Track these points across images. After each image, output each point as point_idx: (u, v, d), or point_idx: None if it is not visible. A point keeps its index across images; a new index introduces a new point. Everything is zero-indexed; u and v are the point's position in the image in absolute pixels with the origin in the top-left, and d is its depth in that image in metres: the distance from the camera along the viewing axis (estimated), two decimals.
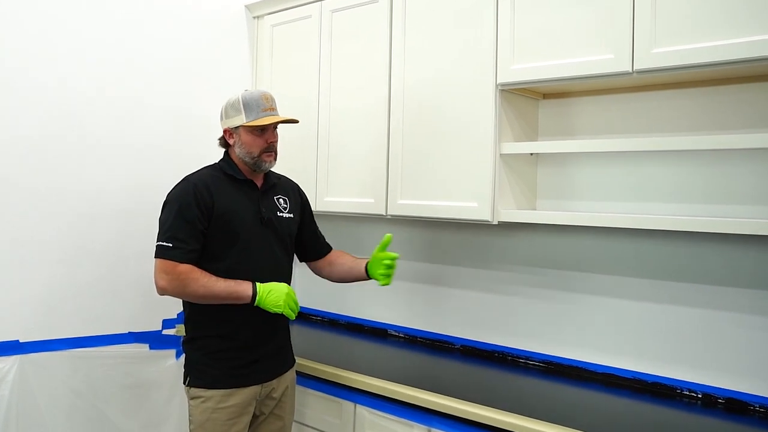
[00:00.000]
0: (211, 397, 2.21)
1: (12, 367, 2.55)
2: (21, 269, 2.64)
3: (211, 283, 2.14)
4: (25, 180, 2.65)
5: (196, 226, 2.19)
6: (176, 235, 2.16)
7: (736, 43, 1.91)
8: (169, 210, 2.22)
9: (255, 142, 2.29)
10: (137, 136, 2.99)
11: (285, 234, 2.40)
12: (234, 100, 2.31)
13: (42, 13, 2.68)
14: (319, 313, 3.56)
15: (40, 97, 2.69)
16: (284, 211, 2.42)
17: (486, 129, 2.48)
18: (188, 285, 2.13)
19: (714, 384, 2.27)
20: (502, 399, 2.22)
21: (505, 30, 2.42)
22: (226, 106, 2.33)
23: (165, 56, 3.11)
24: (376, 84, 2.86)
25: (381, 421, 2.39)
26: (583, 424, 1.99)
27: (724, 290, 2.26)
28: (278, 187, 2.47)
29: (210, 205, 2.21)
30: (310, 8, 3.15)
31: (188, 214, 2.18)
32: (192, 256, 2.17)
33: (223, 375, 2.23)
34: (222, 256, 2.23)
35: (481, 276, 2.89)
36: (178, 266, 2.14)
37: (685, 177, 2.33)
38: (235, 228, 2.25)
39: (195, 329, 2.29)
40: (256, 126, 2.27)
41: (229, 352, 2.25)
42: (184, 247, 2.16)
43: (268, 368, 2.32)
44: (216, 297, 2.15)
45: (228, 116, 2.32)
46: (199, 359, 2.27)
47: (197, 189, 2.22)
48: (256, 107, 2.27)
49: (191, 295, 2.17)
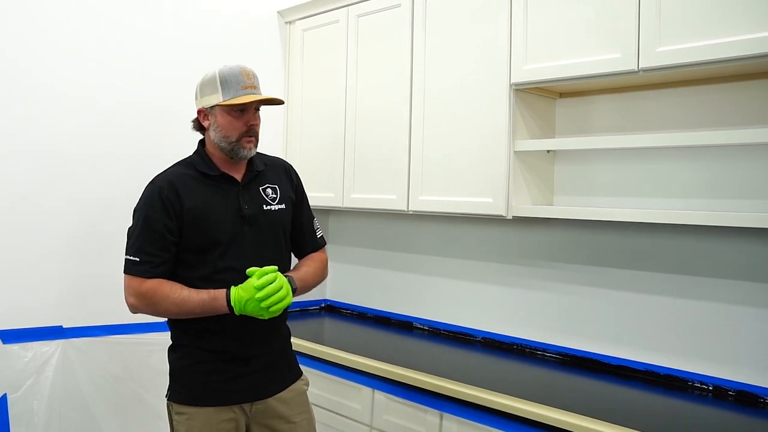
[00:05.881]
0: (196, 414, 1.96)
1: (55, 351, 2.68)
2: (64, 258, 2.78)
3: (182, 299, 1.89)
4: (68, 174, 2.79)
5: (165, 236, 1.93)
6: (143, 248, 1.92)
7: (742, 39, 1.94)
8: (136, 219, 1.97)
9: (233, 125, 1.98)
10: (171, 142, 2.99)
11: (276, 229, 2.10)
12: (210, 76, 2.00)
13: (74, 24, 2.82)
14: (348, 307, 3.67)
15: (87, 104, 2.84)
16: (273, 203, 2.10)
17: (500, 127, 2.55)
18: (158, 303, 1.90)
19: (725, 377, 2.29)
20: (515, 387, 2.28)
21: (519, 31, 2.49)
22: (201, 83, 2.03)
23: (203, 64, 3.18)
24: (398, 84, 2.96)
25: (397, 405, 2.49)
26: (594, 413, 2.03)
27: (738, 284, 2.28)
28: (266, 174, 2.15)
29: (178, 210, 1.94)
30: (338, 13, 3.27)
31: (155, 223, 1.93)
32: (162, 269, 1.93)
33: (210, 391, 1.98)
34: (200, 264, 1.97)
35: (501, 270, 2.96)
36: (144, 283, 1.91)
37: (700, 172, 2.36)
38: (211, 232, 1.97)
39: (178, 336, 2.04)
40: (234, 105, 1.97)
41: (215, 364, 1.98)
42: (152, 261, 1.92)
43: (260, 382, 2.04)
44: (191, 312, 1.91)
45: (203, 94, 2.01)
46: (182, 370, 2.02)
47: (162, 193, 1.95)
48: (235, 84, 1.96)
49: (164, 312, 1.94)
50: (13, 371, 2.56)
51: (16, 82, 2.65)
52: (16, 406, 2.55)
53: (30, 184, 2.70)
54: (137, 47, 3.01)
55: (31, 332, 2.65)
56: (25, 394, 2.58)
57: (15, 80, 2.65)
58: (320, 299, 3.78)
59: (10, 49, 2.64)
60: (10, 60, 2.64)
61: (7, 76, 2.63)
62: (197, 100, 2.05)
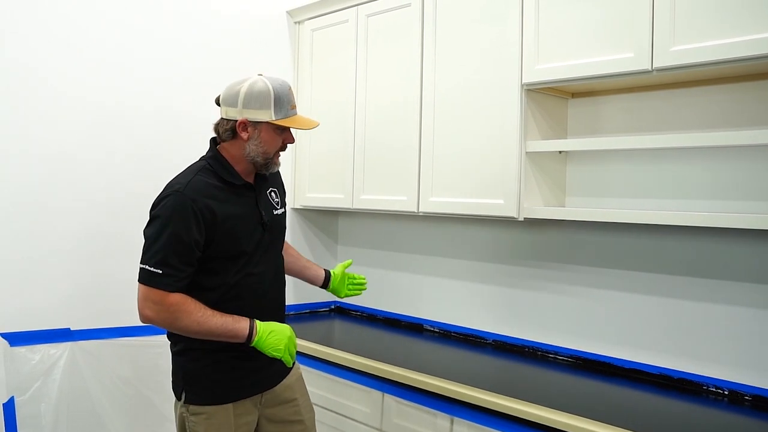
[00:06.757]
0: (216, 412, 2.00)
1: (63, 353, 2.68)
2: (72, 261, 2.78)
3: (205, 318, 1.89)
4: (75, 175, 2.79)
5: (193, 251, 1.90)
6: (168, 260, 1.87)
7: (758, 38, 1.90)
8: (161, 228, 1.89)
9: (275, 142, 2.03)
10: (178, 143, 3.07)
11: (281, 232, 2.21)
12: (262, 89, 1.97)
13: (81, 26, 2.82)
14: (358, 309, 3.65)
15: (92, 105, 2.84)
16: (277, 207, 2.18)
17: (511, 127, 2.53)
18: (179, 319, 1.88)
19: (741, 381, 2.26)
20: (526, 391, 2.25)
21: (530, 30, 2.46)
22: (247, 93, 1.97)
23: (212, 65, 3.22)
24: (408, 85, 2.93)
25: (407, 409, 2.46)
26: (604, 417, 2.00)
27: (754, 287, 2.24)
28: (267, 178, 2.18)
29: (210, 222, 1.92)
30: (347, 13, 3.25)
31: (185, 235, 1.88)
32: (184, 283, 1.91)
33: (228, 389, 2.03)
34: (223, 271, 1.99)
35: (513, 272, 2.93)
36: (168, 297, 1.87)
37: (715, 173, 2.32)
38: (242, 242, 2.01)
39: (189, 340, 2.00)
40: (282, 126, 2.02)
41: (229, 363, 2.02)
42: (176, 275, 1.88)
43: (270, 375, 2.13)
44: (209, 334, 1.91)
45: (249, 106, 1.97)
46: (195, 372, 2.03)
47: (197, 206, 1.90)
48: (286, 103, 2.00)
49: (180, 329, 1.92)
50: (20, 374, 2.56)
51: (22, 83, 2.65)
52: (23, 408, 2.54)
53: (37, 185, 2.69)
54: (144, 48, 3.00)
55: (38, 335, 2.65)
56: (33, 396, 2.59)
57: (21, 81, 2.65)
58: (330, 301, 3.76)
59: (15, 50, 2.63)
60: (15, 60, 2.63)
61: (13, 78, 2.63)
62: (239, 109, 1.98)
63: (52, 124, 2.72)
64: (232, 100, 1.99)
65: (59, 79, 2.74)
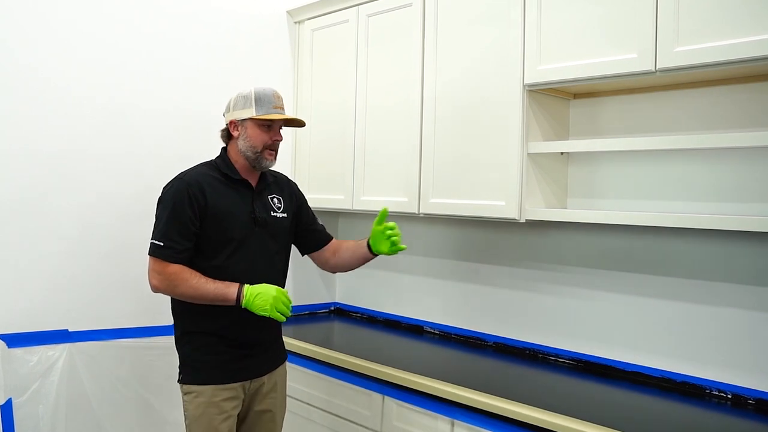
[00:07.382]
0: (203, 391, 2.21)
1: (61, 355, 2.67)
2: (70, 262, 2.76)
3: (200, 285, 2.15)
4: (74, 176, 2.78)
5: (189, 227, 2.19)
6: (169, 235, 2.17)
7: (761, 39, 1.89)
8: (163, 208, 2.23)
9: (260, 137, 2.28)
10: (180, 144, 3.07)
11: (279, 233, 2.39)
12: (246, 92, 2.29)
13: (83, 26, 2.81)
14: (358, 310, 3.64)
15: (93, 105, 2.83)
16: (278, 211, 2.40)
17: (513, 129, 2.51)
18: (178, 285, 2.15)
19: (744, 384, 2.24)
20: (527, 394, 2.24)
21: (532, 30, 2.45)
22: (236, 98, 2.31)
23: (212, 64, 3.22)
24: (409, 85, 2.92)
25: (407, 412, 2.45)
26: (606, 421, 1.99)
27: (755, 289, 2.23)
28: (273, 186, 2.45)
29: (203, 206, 2.21)
30: (348, 13, 3.23)
31: (181, 214, 2.18)
32: (183, 256, 2.19)
33: (215, 370, 2.24)
34: (214, 255, 2.23)
35: (514, 274, 2.91)
36: (168, 266, 2.16)
37: (718, 174, 2.31)
38: (228, 228, 2.25)
39: (185, 325, 2.29)
40: (264, 120, 2.27)
41: (219, 347, 2.25)
42: (175, 247, 2.17)
43: (259, 363, 2.33)
44: (204, 298, 2.16)
45: (236, 107, 2.30)
46: (190, 354, 2.27)
47: (191, 189, 2.21)
48: (267, 103, 2.27)
49: (180, 295, 2.18)
50: (18, 375, 2.56)
51: (23, 83, 2.64)
52: (21, 410, 2.54)
53: (35, 186, 2.68)
54: (144, 48, 2.99)
55: (36, 336, 2.64)
56: (31, 398, 2.58)
57: (21, 81, 2.63)
58: (329, 302, 3.75)
59: (16, 50, 2.62)
60: (17, 60, 2.62)
61: (14, 78, 2.62)
62: (230, 112, 2.32)
63: (51, 124, 2.71)
64: (226, 108, 2.35)
65: (59, 79, 2.73)
